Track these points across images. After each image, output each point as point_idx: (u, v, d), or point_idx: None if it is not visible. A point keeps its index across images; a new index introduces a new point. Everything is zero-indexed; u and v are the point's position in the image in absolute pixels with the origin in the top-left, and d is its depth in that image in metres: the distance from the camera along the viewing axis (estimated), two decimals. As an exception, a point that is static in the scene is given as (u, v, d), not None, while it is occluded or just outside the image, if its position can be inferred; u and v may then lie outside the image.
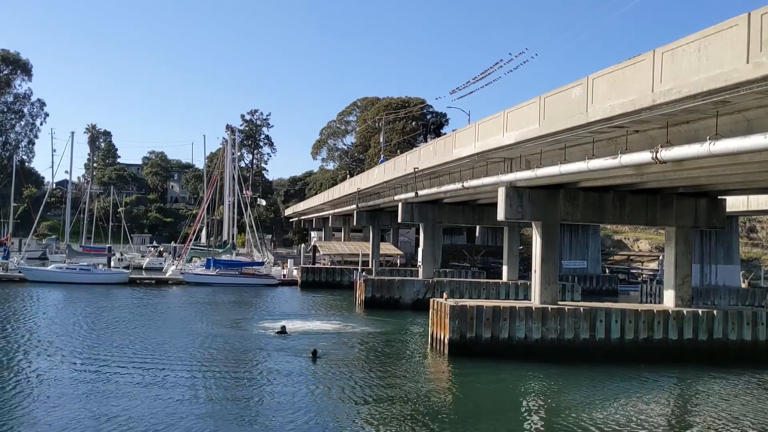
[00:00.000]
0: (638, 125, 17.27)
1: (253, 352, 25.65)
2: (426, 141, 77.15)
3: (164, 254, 76.65)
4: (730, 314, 26.36)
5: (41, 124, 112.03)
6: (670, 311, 26.11)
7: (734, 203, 37.59)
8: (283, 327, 29.29)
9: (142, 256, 76.93)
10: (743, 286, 52.03)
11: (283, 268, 64.25)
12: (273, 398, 18.54)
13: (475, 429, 16.52)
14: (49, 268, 57.65)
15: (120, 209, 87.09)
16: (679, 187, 25.96)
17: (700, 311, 26.25)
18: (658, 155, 15.87)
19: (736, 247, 51.62)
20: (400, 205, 43.02)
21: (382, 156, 74.82)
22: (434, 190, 35.07)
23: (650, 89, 14.84)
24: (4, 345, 25.85)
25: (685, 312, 26.04)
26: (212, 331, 30.94)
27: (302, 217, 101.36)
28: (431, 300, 27.84)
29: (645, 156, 16.46)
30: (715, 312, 26.32)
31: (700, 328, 25.89)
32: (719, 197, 28.57)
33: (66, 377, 20.24)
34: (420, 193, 36.72)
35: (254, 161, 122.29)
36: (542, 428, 16.92)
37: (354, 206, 56.60)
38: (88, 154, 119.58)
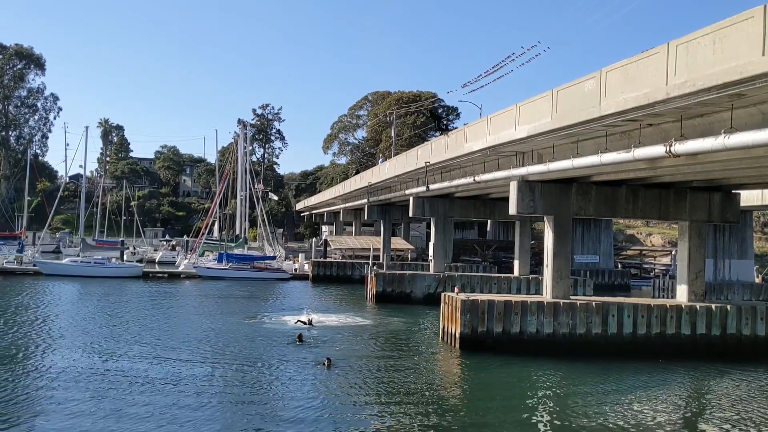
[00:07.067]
0: (652, 119, 17.16)
1: (265, 349, 25.68)
2: (438, 134, 76.99)
3: (177, 248, 77.15)
4: (743, 309, 26.17)
5: (54, 118, 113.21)
6: (683, 306, 25.97)
7: (748, 197, 37.18)
8: (300, 335, 26.58)
9: (155, 250, 77.48)
10: (757, 281, 51.61)
11: (295, 263, 64.52)
12: (284, 394, 18.69)
13: (486, 423, 16.54)
14: (63, 261, 58.27)
15: (132, 203, 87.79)
16: (693, 181, 25.76)
17: (713, 306, 26.10)
18: (672, 149, 15.76)
19: (750, 241, 51.16)
20: (411, 199, 43.03)
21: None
22: (445, 184, 35.02)
23: (664, 82, 14.73)
24: (21, 338, 26.17)
25: (698, 307, 25.90)
26: (225, 326, 31.16)
27: (313, 212, 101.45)
28: (442, 294, 27.85)
29: (659, 150, 16.36)
30: (728, 307, 26.14)
31: (713, 323, 25.74)
32: (733, 191, 28.31)
33: (79, 371, 20.42)
34: (431, 187, 36.68)
35: (266, 155, 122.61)
36: (553, 423, 16.89)
37: (365, 200, 56.62)
38: (101, 149, 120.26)
